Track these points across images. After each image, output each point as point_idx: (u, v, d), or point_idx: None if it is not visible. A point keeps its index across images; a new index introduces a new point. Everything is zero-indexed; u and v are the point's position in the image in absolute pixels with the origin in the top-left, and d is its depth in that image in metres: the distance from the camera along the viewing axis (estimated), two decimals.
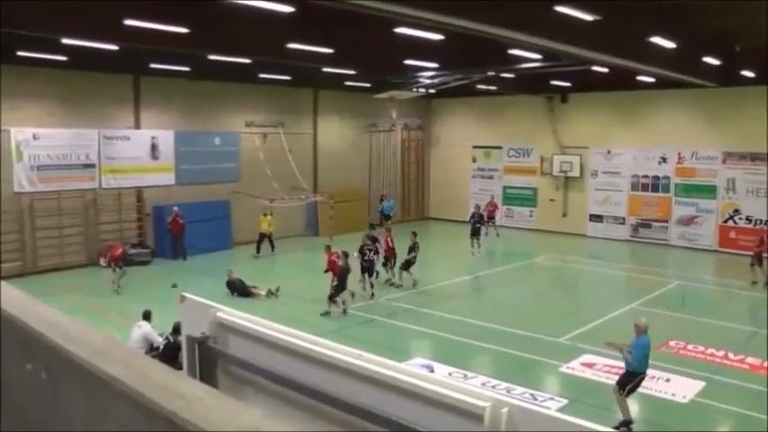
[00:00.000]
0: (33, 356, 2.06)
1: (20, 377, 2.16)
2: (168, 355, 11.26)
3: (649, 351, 11.18)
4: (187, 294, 3.06)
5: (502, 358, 14.75)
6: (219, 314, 2.85)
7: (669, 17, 15.93)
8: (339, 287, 17.46)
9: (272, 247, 25.73)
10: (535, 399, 11.96)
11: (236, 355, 2.77)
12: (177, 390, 1.54)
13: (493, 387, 12.30)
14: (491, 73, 23.85)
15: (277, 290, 19.31)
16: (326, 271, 18.12)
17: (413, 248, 20.87)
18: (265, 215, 26.00)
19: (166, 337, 12.22)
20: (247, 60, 20.67)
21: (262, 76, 25.56)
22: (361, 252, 19.72)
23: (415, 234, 21.35)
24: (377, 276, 20.16)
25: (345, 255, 18.14)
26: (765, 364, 13.95)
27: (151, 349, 12.46)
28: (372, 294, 19.32)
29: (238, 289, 19.42)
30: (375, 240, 20.61)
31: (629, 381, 11.05)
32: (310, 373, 2.55)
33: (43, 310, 2.20)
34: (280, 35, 16.37)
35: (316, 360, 2.51)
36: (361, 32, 16.38)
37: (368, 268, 19.57)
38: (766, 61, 22.26)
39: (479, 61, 21.19)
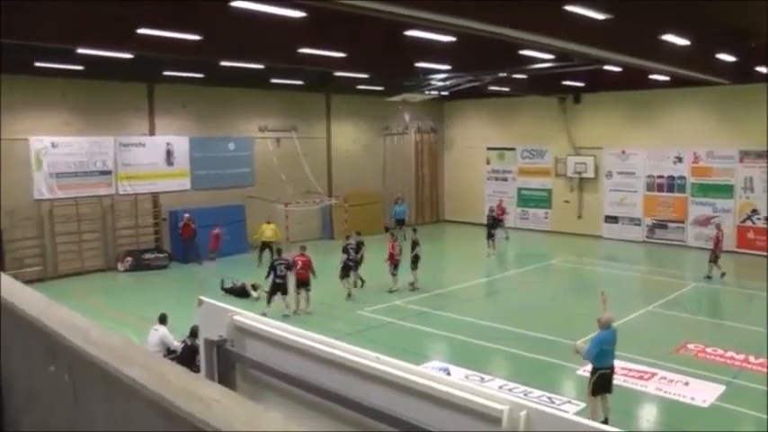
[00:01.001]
0: (56, 359, 2.09)
1: (44, 379, 2.20)
2: (186, 357, 11.33)
3: (612, 347, 11.12)
4: (204, 298, 3.09)
5: (518, 361, 14.70)
6: (237, 317, 2.87)
7: (681, 14, 15.86)
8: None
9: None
10: (552, 402, 11.92)
11: (253, 358, 2.79)
12: (196, 392, 1.57)
13: (510, 390, 12.26)
14: (503, 74, 23.83)
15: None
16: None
17: (414, 246, 20.96)
18: (268, 222, 25.69)
19: (184, 341, 12.29)
20: (260, 66, 20.77)
21: (274, 81, 25.68)
22: (345, 251, 20.13)
23: (414, 231, 21.73)
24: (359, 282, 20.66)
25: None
26: None
27: (168, 352, 12.53)
28: (349, 294, 19.75)
29: (234, 291, 19.73)
30: (360, 243, 20.79)
31: (592, 377, 11.06)
32: (328, 376, 2.56)
33: (65, 313, 2.23)
34: (291, 40, 16.43)
35: (333, 363, 2.53)
36: (373, 36, 16.44)
37: (350, 267, 19.94)
38: None
39: (491, 62, 21.19)
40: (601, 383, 10.97)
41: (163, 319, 13.30)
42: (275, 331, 2.73)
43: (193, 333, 11.52)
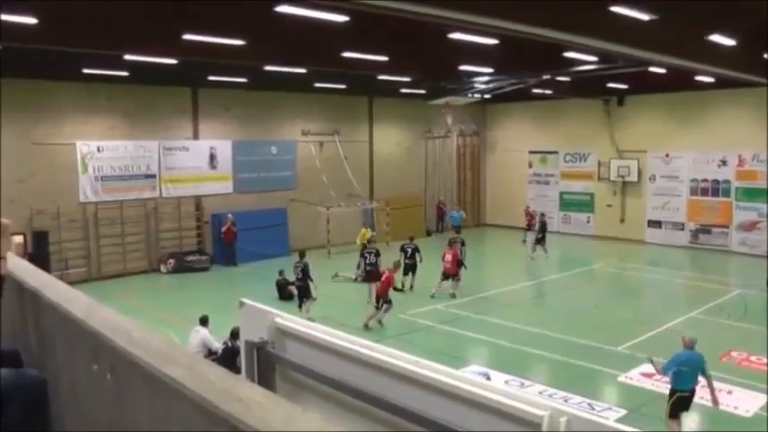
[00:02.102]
0: (99, 358, 2.13)
1: (88, 378, 2.24)
2: (227, 359, 11.46)
3: (694, 369, 10.49)
4: (246, 300, 3.12)
5: (559, 366, 14.53)
6: (278, 320, 2.89)
7: (728, 14, 15.56)
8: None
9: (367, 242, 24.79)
10: (593, 408, 11.75)
11: (293, 360, 2.80)
12: (236, 393, 1.58)
13: (550, 396, 12.13)
14: (546, 76, 23.63)
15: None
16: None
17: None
18: (365, 227, 26.43)
19: (225, 342, 12.43)
20: (303, 70, 20.92)
21: (317, 85, 25.83)
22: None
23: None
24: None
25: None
26: None
27: (209, 354, 12.68)
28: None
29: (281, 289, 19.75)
30: (416, 249, 21.02)
31: (670, 399, 10.59)
32: (366, 378, 2.56)
33: (108, 314, 2.28)
34: (335, 44, 16.52)
35: (373, 365, 2.53)
36: (416, 39, 16.43)
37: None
38: None
39: (534, 65, 21.02)
40: (679, 406, 10.54)
41: (204, 321, 13.48)
42: (316, 333, 2.74)
43: (234, 334, 11.65)
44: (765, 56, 20.04)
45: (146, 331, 2.05)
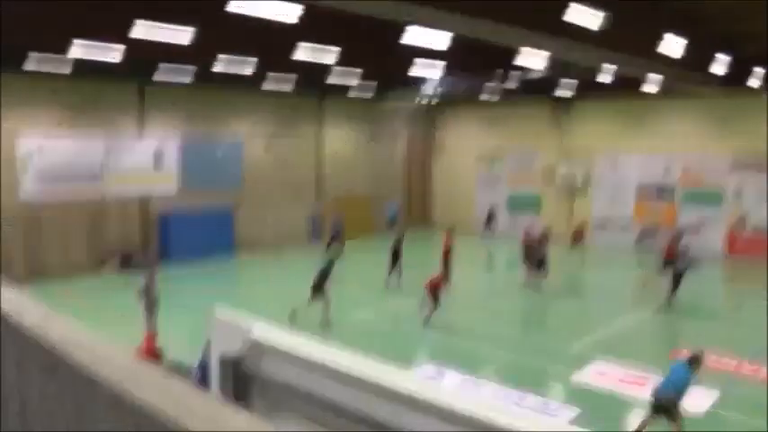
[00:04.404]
0: (56, 377, 1.90)
1: (43, 398, 2.00)
2: (201, 374, 10.97)
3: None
4: (219, 310, 2.87)
5: (513, 366, 14.54)
6: (254, 331, 2.66)
7: (678, 22, 15.84)
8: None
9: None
10: (548, 407, 11.77)
11: (271, 375, 2.59)
12: (217, 418, 1.39)
13: (504, 396, 12.11)
14: (496, 79, 23.75)
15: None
16: None
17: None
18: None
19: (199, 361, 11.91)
20: (251, 69, 20.57)
21: (266, 84, 25.46)
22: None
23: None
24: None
25: None
26: None
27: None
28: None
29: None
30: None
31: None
32: (344, 391, 2.39)
33: (65, 325, 2.04)
34: (285, 41, 16.29)
35: (352, 380, 2.36)
36: (367, 38, 16.31)
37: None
38: None
39: (484, 67, 21.10)
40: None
41: None
42: (294, 346, 2.54)
43: (205, 349, 11.18)
44: (712, 63, 20.57)
45: (110, 347, 1.84)
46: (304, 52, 17.28)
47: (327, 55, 17.97)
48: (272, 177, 28.43)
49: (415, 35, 14.98)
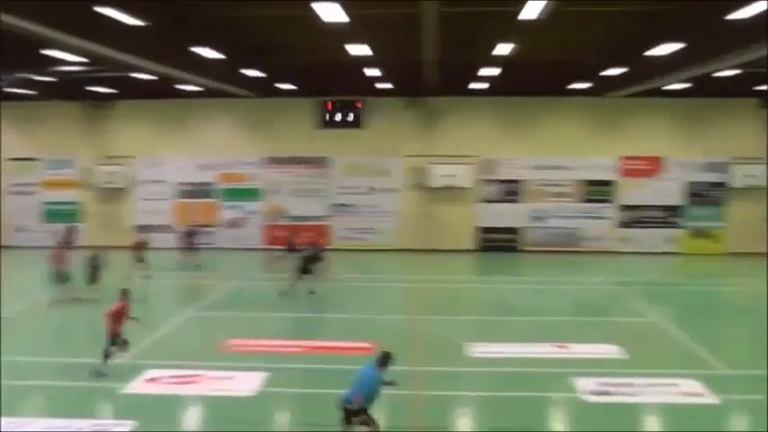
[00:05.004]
0: None
1: None
2: None
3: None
4: None
5: (55, 393, 12.99)
6: None
7: (216, 28, 16.43)
8: None
9: None
10: (102, 426, 11.03)
11: None
12: None
13: (50, 427, 10.96)
14: (23, 75, 21.74)
15: None
16: None
17: None
18: None
19: None
20: None
21: None
22: None
23: None
24: None
25: None
26: (316, 344, 15.77)
27: None
28: None
29: None
30: None
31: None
32: None
33: None
34: None
35: None
36: None
37: None
38: (302, 75, 24.86)
39: (11, 62, 19.11)
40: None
41: None
42: None
43: None
44: (246, 70, 21.84)
45: None
46: None
47: None
48: None
49: None
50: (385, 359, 9.65)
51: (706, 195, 29.88)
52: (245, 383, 13.07)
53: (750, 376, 13.93)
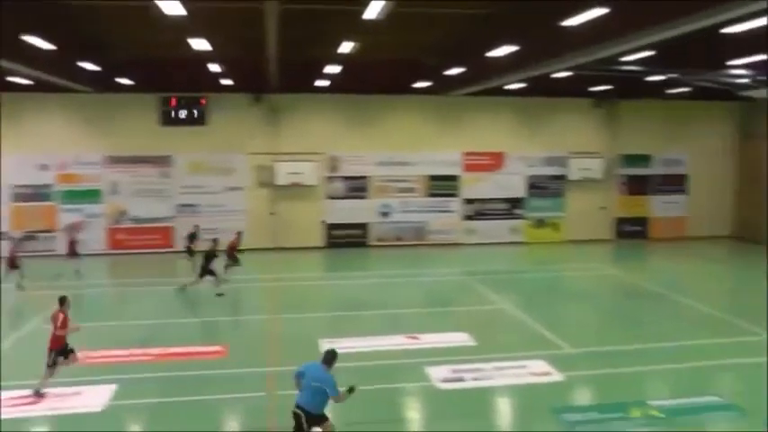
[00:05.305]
0: None
1: None
2: None
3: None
4: None
5: None
6: None
7: (49, 19, 15.56)
8: None
9: None
10: None
11: None
12: None
13: None
14: None
15: None
16: None
17: None
18: None
19: None
20: None
21: None
22: None
23: None
24: None
25: None
26: (167, 351, 15.16)
27: None
28: None
29: None
30: None
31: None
32: None
33: None
34: None
35: None
36: None
37: None
38: (143, 70, 24.06)
39: None
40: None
41: None
42: None
43: None
44: (81, 64, 20.77)
45: None
46: None
47: None
48: None
49: None
50: (331, 358, 9.28)
51: (546, 188, 32.03)
52: (94, 398, 12.38)
53: (591, 353, 15.31)
